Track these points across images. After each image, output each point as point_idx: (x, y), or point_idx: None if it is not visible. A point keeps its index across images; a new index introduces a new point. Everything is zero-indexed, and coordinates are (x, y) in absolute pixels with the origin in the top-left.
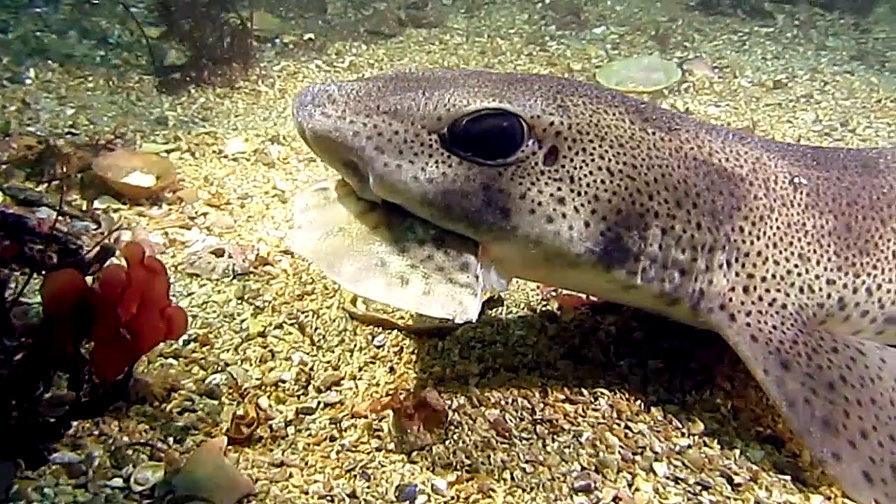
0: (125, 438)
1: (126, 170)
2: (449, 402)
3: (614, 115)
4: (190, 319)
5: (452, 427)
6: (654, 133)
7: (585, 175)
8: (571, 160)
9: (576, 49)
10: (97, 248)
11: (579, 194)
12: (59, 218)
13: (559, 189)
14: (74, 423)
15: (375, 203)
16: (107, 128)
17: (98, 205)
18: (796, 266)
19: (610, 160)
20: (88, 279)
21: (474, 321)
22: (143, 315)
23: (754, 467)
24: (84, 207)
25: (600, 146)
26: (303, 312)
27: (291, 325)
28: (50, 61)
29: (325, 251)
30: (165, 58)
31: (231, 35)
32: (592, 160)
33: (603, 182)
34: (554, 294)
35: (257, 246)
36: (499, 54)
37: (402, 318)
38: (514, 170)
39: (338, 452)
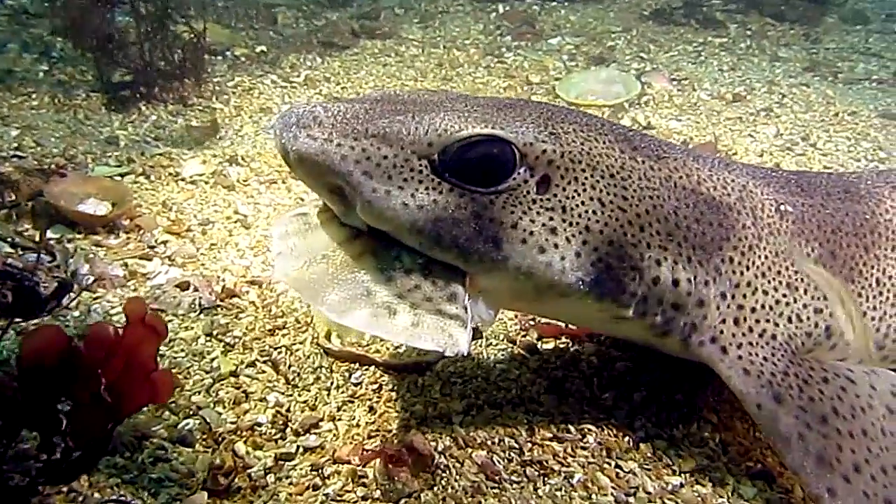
0: (96, 495)
1: (79, 196)
2: (434, 443)
3: (604, 143)
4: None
5: (440, 471)
6: (643, 162)
7: (578, 205)
8: (564, 189)
9: (533, 60)
10: (55, 285)
11: (571, 224)
12: (11, 251)
13: (551, 219)
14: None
15: (359, 229)
16: (55, 149)
17: (51, 234)
18: (784, 296)
19: (601, 190)
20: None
21: (465, 354)
22: (128, 377)
23: None
24: (37, 238)
25: (592, 175)
26: (275, 349)
27: (264, 362)
28: None
29: (308, 280)
30: (113, 73)
31: (182, 49)
32: (584, 190)
33: (595, 212)
34: (532, 323)
35: (222, 276)
36: (456, 66)
37: (377, 352)
38: (506, 198)
39: (322, 502)
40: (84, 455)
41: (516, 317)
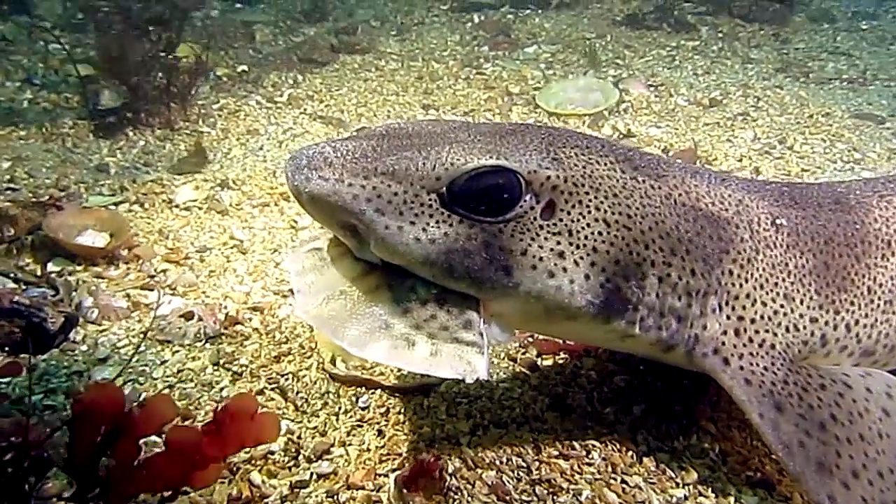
0: None
1: (77, 228)
2: (444, 465)
3: (606, 164)
4: (167, 391)
5: (451, 493)
6: (644, 181)
7: (583, 228)
8: (569, 213)
9: (511, 70)
10: (62, 320)
11: (578, 247)
12: (15, 286)
13: (558, 243)
14: None
15: (373, 263)
16: (48, 180)
17: (52, 268)
18: (782, 306)
19: (606, 211)
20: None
21: (484, 378)
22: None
23: None
24: (38, 272)
25: (595, 198)
26: (282, 375)
27: (272, 390)
28: None
29: (328, 316)
30: (99, 99)
31: (168, 73)
32: (589, 212)
33: (600, 234)
34: (531, 340)
35: (224, 304)
36: (436, 79)
37: (382, 374)
38: (514, 226)
39: None
40: None
41: (515, 335)
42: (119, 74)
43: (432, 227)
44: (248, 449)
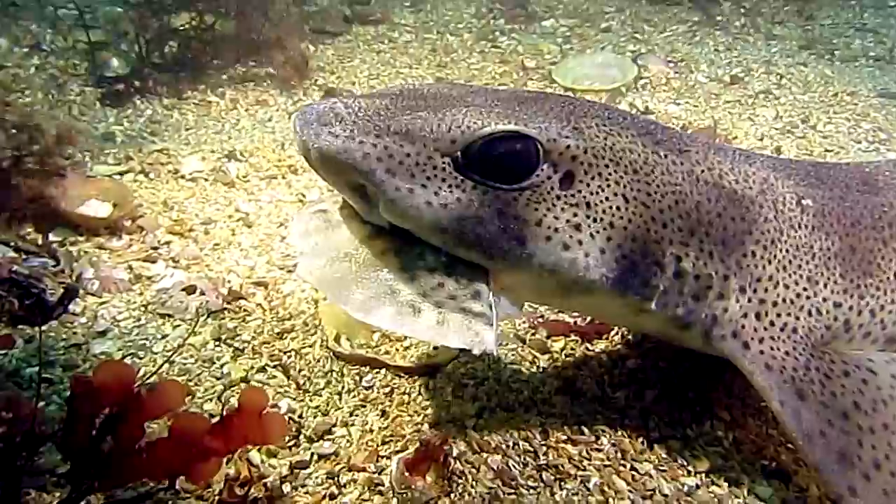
0: None
1: (81, 198)
2: (449, 448)
3: (627, 137)
4: (167, 366)
5: (455, 477)
6: (666, 156)
7: (602, 201)
8: (587, 185)
9: (527, 44)
10: (61, 291)
11: (595, 220)
12: (15, 256)
13: (575, 215)
14: None
15: (381, 227)
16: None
17: (54, 238)
18: (805, 289)
19: (625, 185)
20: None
21: (493, 353)
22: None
23: None
24: (39, 241)
25: (615, 171)
26: (285, 353)
27: (274, 367)
28: None
29: (332, 279)
30: (107, 66)
31: (178, 41)
32: (608, 185)
33: (619, 208)
34: (541, 321)
35: (228, 278)
36: (450, 52)
37: (387, 353)
38: (530, 195)
39: None
40: None
41: (525, 309)
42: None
43: (445, 191)
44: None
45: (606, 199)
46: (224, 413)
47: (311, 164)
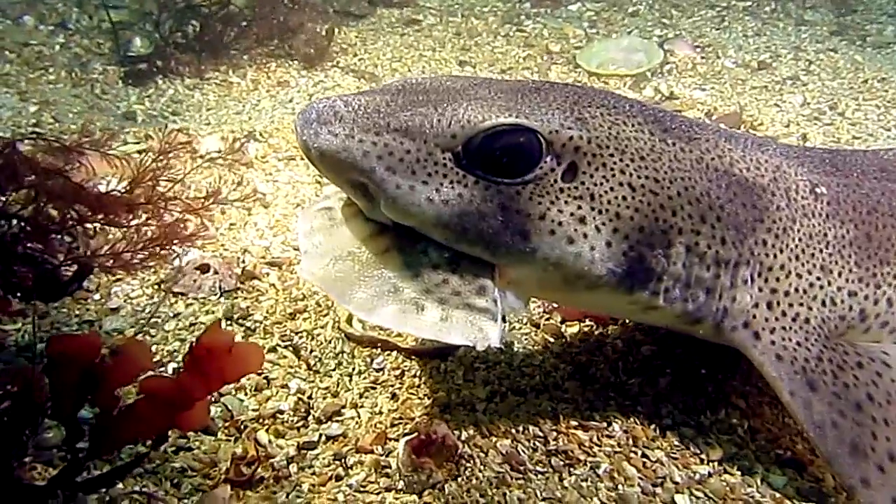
0: (119, 486)
1: (99, 175)
2: (458, 432)
3: (633, 126)
4: (178, 344)
5: (464, 461)
6: (674, 144)
7: (606, 192)
8: (591, 176)
9: (553, 28)
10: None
11: (601, 212)
12: (31, 231)
13: (579, 207)
14: None
15: (385, 225)
16: (73, 126)
17: (70, 215)
18: (818, 279)
19: (631, 175)
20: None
21: (498, 347)
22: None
23: (778, 495)
24: (56, 218)
25: (621, 160)
26: (296, 333)
27: (286, 347)
28: (7, 52)
29: (335, 278)
30: (130, 46)
31: (201, 22)
32: (613, 175)
33: (625, 199)
34: (556, 306)
35: (242, 258)
36: (475, 35)
37: (399, 337)
38: (533, 188)
39: (345, 494)
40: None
41: (539, 300)
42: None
43: (446, 187)
44: (256, 406)
45: (611, 189)
46: (190, 356)
47: (312, 162)
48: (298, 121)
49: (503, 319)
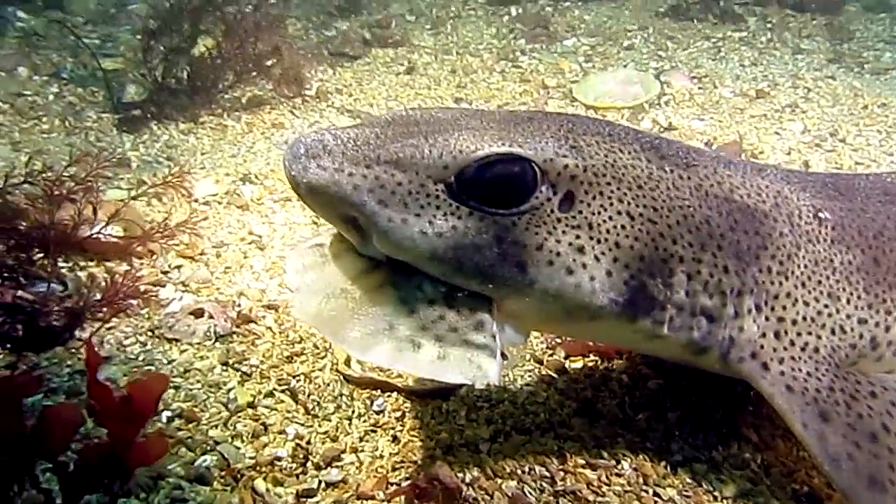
0: None
1: (91, 222)
2: (461, 475)
3: (630, 153)
4: (173, 392)
5: None
6: (671, 171)
7: (605, 220)
8: (589, 205)
9: (548, 63)
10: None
11: (599, 241)
12: (23, 281)
13: (578, 237)
14: None
15: (378, 260)
16: (66, 173)
17: (63, 263)
18: (826, 306)
19: (629, 203)
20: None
21: (496, 384)
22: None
23: None
24: (48, 267)
25: (618, 188)
26: (294, 377)
27: (283, 391)
28: (0, 103)
29: (328, 316)
30: (124, 93)
31: (191, 65)
32: (611, 204)
33: (623, 227)
34: (559, 341)
35: (238, 301)
36: (470, 72)
37: (399, 377)
38: (529, 219)
39: None
40: None
41: (542, 335)
42: (144, 67)
43: (439, 219)
44: (252, 454)
45: (610, 218)
46: None
47: (301, 198)
48: (287, 155)
49: (502, 355)
